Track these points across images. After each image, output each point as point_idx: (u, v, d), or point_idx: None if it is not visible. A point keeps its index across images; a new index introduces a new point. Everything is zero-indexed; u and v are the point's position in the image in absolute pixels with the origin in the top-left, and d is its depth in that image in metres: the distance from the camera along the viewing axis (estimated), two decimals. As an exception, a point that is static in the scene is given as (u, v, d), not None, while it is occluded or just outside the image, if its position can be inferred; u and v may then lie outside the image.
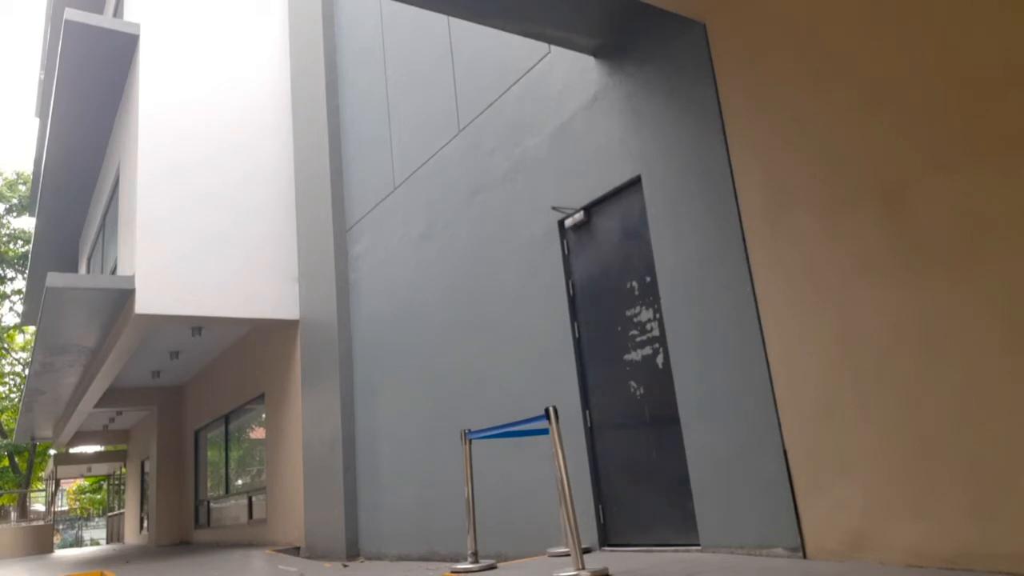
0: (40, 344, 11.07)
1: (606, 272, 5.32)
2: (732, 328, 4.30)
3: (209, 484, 15.29)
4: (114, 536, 26.45)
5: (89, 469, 27.43)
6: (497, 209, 6.37)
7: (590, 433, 5.32)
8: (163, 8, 10.43)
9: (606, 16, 5.10)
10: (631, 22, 5.10)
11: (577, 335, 5.50)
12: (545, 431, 4.29)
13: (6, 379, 28.87)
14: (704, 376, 4.45)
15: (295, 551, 9.62)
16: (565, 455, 4.14)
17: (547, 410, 4.07)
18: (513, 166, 6.21)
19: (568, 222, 5.61)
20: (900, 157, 3.51)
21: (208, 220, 9.93)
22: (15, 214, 25.88)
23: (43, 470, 30.14)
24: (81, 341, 11.26)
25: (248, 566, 8.33)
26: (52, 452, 26.74)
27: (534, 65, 6.05)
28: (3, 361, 28.70)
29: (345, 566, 7.35)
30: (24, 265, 25.44)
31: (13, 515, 27.58)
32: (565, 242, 5.67)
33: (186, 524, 16.16)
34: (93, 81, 11.05)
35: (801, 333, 3.92)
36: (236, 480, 13.78)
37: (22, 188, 25.56)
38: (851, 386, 3.67)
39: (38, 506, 33.25)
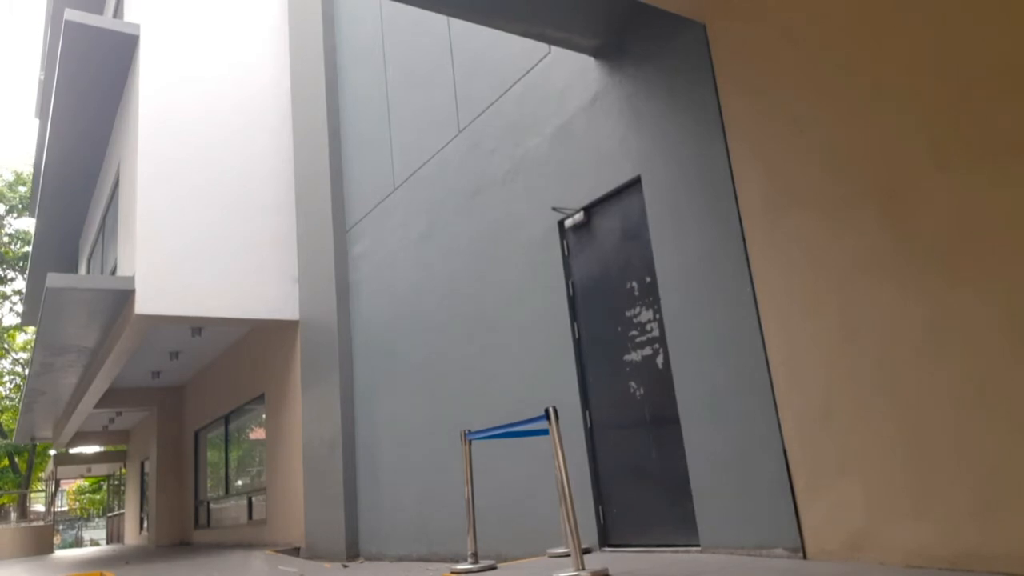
0: (40, 344, 11.07)
1: (606, 272, 5.32)
2: (732, 328, 4.30)
3: (209, 484, 15.28)
4: (114, 537, 26.45)
5: (89, 469, 27.43)
6: (497, 209, 6.37)
7: (590, 433, 5.32)
8: (163, 8, 10.43)
9: (606, 16, 5.10)
10: (631, 22, 5.10)
11: (577, 335, 5.49)
12: (545, 431, 4.29)
13: (5, 379, 28.87)
14: (704, 376, 4.44)
15: (295, 552, 9.61)
16: (565, 455, 4.14)
17: (547, 410, 4.06)
18: (513, 166, 6.21)
19: (568, 222, 5.61)
20: (900, 157, 3.51)
21: (208, 220, 9.92)
22: (15, 215, 25.88)
23: (43, 470, 30.14)
24: (81, 341, 11.26)
25: (248, 567, 8.33)
26: (52, 452, 26.73)
27: (534, 65, 6.04)
28: (4, 361, 28.70)
29: (345, 566, 7.35)
30: (24, 265, 25.44)
31: (13, 515, 27.60)
32: (565, 242, 5.67)
33: (186, 525, 16.15)
34: (93, 81, 11.05)
35: (801, 333, 3.92)
36: (236, 480, 13.77)
37: (22, 189, 25.57)
38: (851, 386, 3.67)
39: (38, 506, 33.25)
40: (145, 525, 19.18)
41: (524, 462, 5.83)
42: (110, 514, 28.97)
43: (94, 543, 33.44)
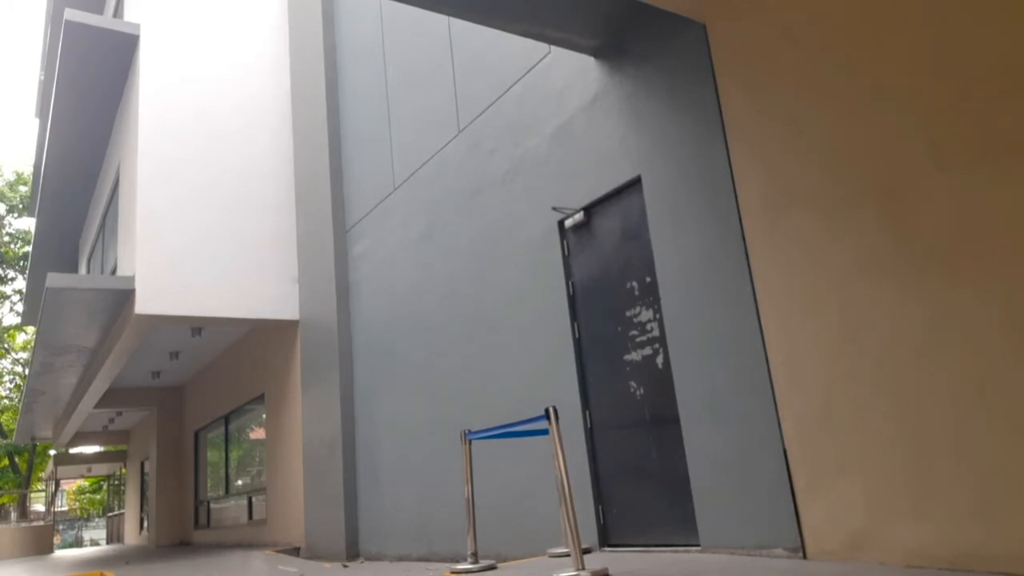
0: (40, 344, 11.06)
1: (606, 272, 5.32)
2: (732, 328, 4.30)
3: (209, 484, 15.28)
4: (114, 537, 26.45)
5: (89, 469, 27.43)
6: (497, 209, 6.37)
7: (590, 433, 5.32)
8: (163, 8, 10.43)
9: (606, 16, 5.10)
10: (631, 22, 5.10)
11: (577, 335, 5.49)
12: (545, 431, 4.29)
13: (5, 379, 28.87)
14: (704, 376, 4.44)
15: (295, 552, 9.61)
16: (565, 455, 4.13)
17: (547, 410, 4.06)
18: (513, 166, 6.21)
19: (568, 222, 5.61)
20: (900, 157, 3.51)
21: (208, 220, 9.92)
22: (15, 215, 25.88)
23: (43, 470, 30.14)
24: (81, 341, 11.26)
25: (248, 567, 8.33)
26: (52, 452, 26.73)
27: (534, 65, 6.04)
28: (4, 361, 28.70)
29: (345, 566, 7.35)
30: (24, 265, 25.44)
31: (13, 515, 27.60)
32: (565, 242, 5.67)
33: (186, 525, 16.15)
34: (93, 81, 11.05)
35: (801, 333, 3.92)
36: (236, 480, 13.77)
37: (22, 189, 25.57)
38: (851, 386, 3.67)
39: (38, 506, 33.25)
40: (145, 525, 19.18)
41: (524, 462, 5.83)
42: (110, 514, 28.97)
43: (94, 543, 33.43)
